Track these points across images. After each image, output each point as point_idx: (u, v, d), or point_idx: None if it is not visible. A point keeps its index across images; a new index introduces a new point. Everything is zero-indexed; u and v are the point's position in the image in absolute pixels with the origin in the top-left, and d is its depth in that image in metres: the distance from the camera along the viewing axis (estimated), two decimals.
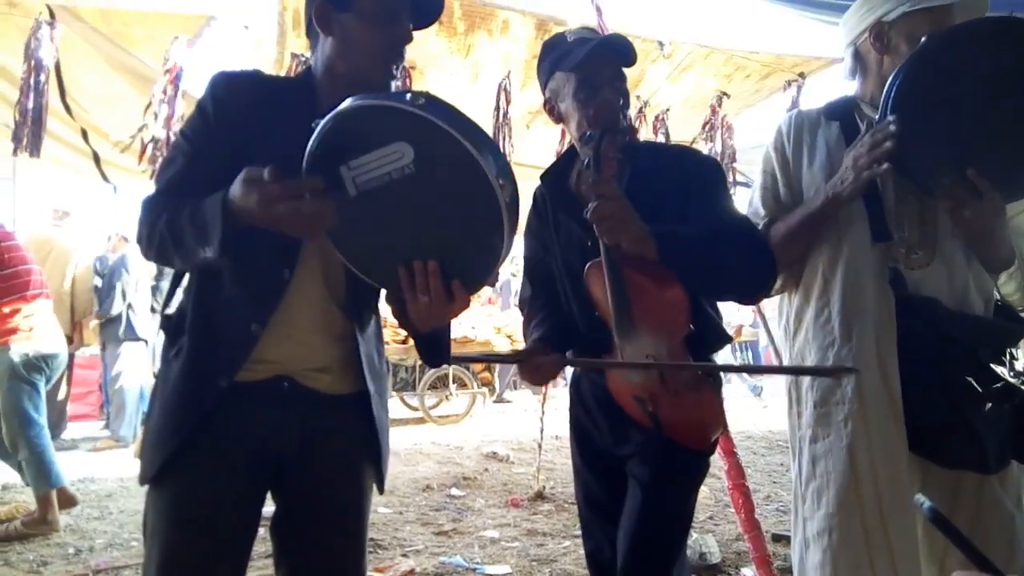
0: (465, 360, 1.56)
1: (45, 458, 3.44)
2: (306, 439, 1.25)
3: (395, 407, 7.12)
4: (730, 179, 5.04)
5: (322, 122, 1.04)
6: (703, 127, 4.52)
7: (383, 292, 1.30)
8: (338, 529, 1.26)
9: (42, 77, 3.37)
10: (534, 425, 4.65)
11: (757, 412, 7.85)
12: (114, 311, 5.77)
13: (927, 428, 1.38)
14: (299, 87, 1.27)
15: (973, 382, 1.34)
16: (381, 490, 1.34)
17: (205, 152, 1.21)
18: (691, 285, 1.37)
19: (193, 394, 1.19)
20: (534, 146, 4.56)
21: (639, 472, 1.45)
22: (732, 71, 4.22)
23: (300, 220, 1.05)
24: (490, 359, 1.56)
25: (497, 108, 3.70)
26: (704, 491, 3.59)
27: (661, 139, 4.24)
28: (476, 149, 0.99)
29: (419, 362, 7.41)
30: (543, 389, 4.64)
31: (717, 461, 2.18)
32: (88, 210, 6.57)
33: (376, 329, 1.36)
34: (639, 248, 1.32)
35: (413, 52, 3.58)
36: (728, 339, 1.54)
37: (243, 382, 1.20)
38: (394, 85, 1.28)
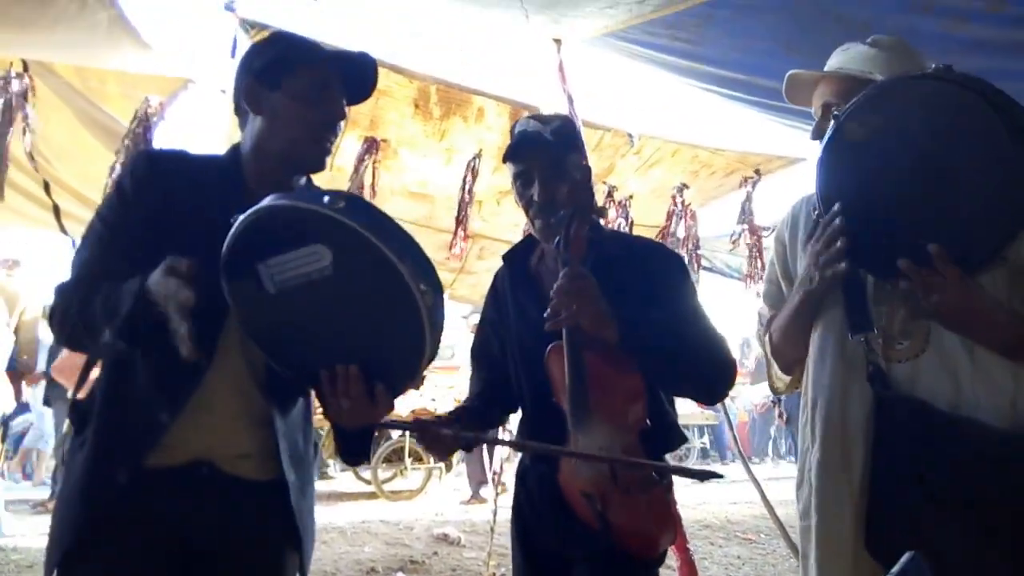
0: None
1: None
2: (223, 527, 1.19)
3: (347, 480, 6.90)
4: (694, 265, 5.17)
5: (240, 218, 1.03)
6: (667, 216, 4.65)
7: None
8: None
9: (10, 129, 3.35)
10: (489, 506, 4.53)
11: (717, 502, 7.74)
12: None
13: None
14: (225, 166, 1.27)
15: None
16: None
17: (121, 234, 1.18)
18: (650, 376, 1.35)
19: (92, 489, 1.14)
20: (504, 222, 4.63)
21: None
22: (698, 168, 4.37)
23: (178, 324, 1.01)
24: (385, 425, 1.50)
25: (464, 186, 3.75)
26: None
27: (624, 223, 4.35)
28: (396, 255, 0.99)
29: (375, 433, 7.22)
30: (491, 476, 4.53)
31: (670, 556, 2.12)
32: (41, 262, 6.42)
33: (304, 411, 1.32)
34: (599, 330, 1.31)
35: (388, 130, 3.64)
36: (684, 439, 1.52)
37: (156, 467, 1.16)
38: (330, 162, 1.29)
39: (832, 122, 1.24)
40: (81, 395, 1.26)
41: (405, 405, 6.77)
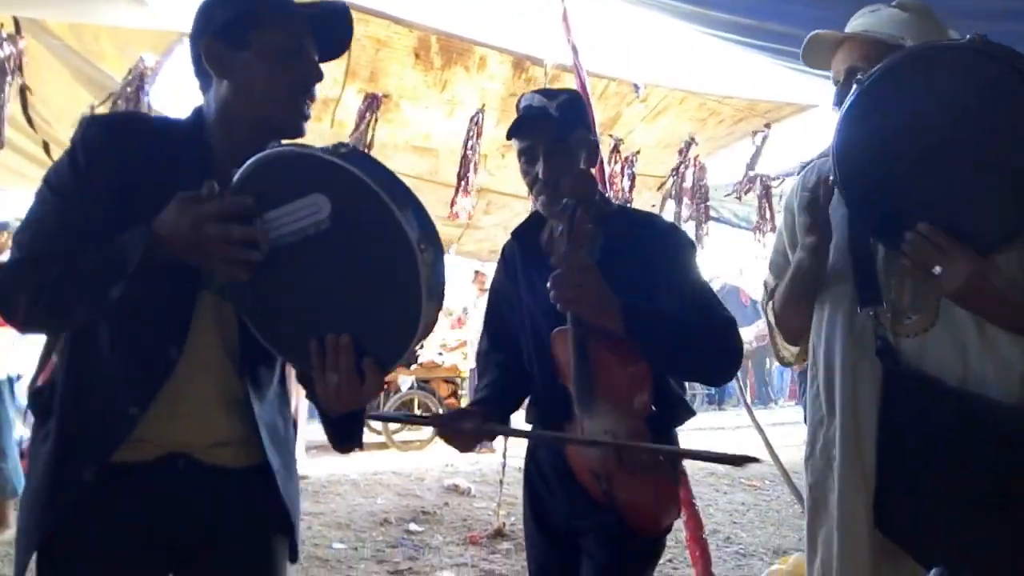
0: (384, 419, 1.45)
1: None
2: (208, 516, 1.15)
3: None
4: (702, 217, 5.13)
5: (239, 171, 0.98)
6: (673, 170, 4.58)
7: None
8: None
9: (5, 91, 3.30)
10: (497, 457, 4.61)
11: (721, 448, 7.85)
12: None
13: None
14: (188, 131, 1.15)
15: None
16: (295, 559, 1.26)
17: (77, 207, 1.06)
18: (655, 363, 1.35)
19: (58, 487, 1.08)
20: (509, 175, 4.59)
21: (595, 553, 1.42)
22: (706, 116, 4.28)
23: (228, 246, 0.96)
24: (410, 420, 1.49)
25: (467, 141, 3.69)
26: None
27: (627, 181, 4.29)
28: (398, 207, 0.93)
29: (385, 386, 7.32)
30: None
31: None
32: None
33: (281, 392, 1.26)
34: (603, 321, 1.30)
35: (388, 82, 3.57)
36: (692, 413, 1.52)
37: (128, 462, 1.09)
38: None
39: (855, 87, 1.19)
40: (41, 380, 1.22)
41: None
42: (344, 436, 1.20)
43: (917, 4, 1.39)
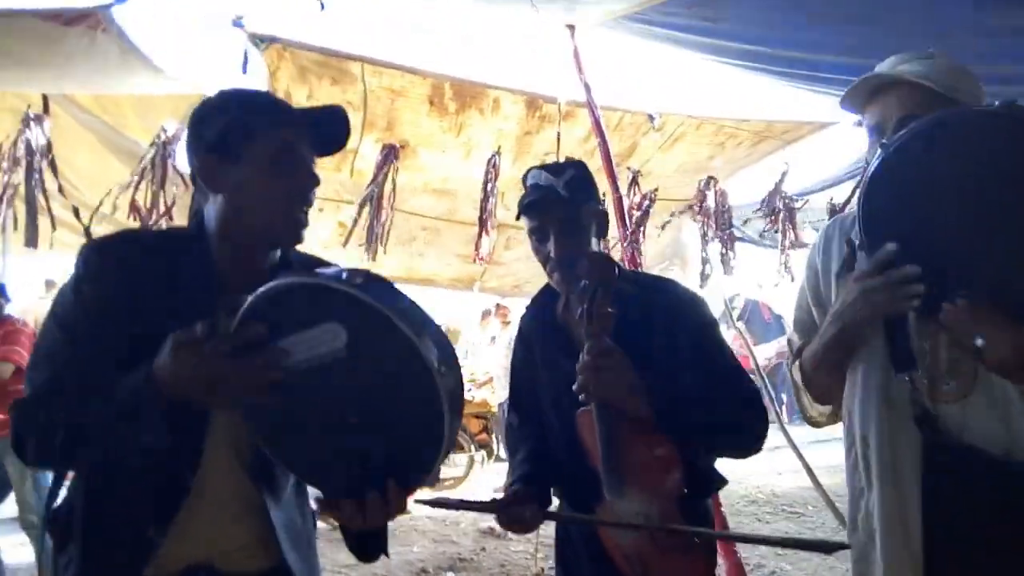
0: (435, 505, 1.39)
1: None
2: None
3: None
4: (728, 243, 5.08)
5: (249, 299, 0.96)
6: (694, 204, 4.57)
7: None
8: None
9: (35, 171, 3.40)
10: None
11: (763, 473, 7.67)
12: None
13: None
14: (190, 243, 1.13)
15: None
16: None
17: (82, 337, 1.05)
18: (682, 443, 1.32)
19: None
20: None
21: None
22: (724, 139, 4.26)
23: (248, 377, 0.94)
24: (465, 506, 1.44)
25: (486, 184, 3.71)
26: None
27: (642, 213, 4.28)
28: (416, 334, 0.92)
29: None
30: None
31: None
32: None
33: (296, 486, 1.23)
34: (627, 406, 1.28)
35: (404, 130, 3.60)
36: (724, 481, 1.47)
37: None
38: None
39: (880, 151, 1.14)
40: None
41: None
42: (366, 548, 1.15)
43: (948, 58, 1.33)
